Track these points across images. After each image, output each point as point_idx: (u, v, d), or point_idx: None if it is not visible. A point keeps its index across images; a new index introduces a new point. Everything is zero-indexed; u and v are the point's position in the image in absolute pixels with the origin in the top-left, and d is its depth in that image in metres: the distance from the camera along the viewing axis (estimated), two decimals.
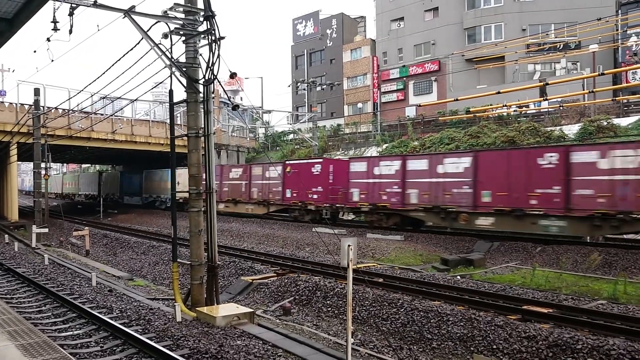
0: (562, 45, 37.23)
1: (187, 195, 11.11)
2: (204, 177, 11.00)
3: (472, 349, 9.04)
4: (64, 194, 69.85)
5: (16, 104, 31.71)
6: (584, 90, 26.27)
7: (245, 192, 31.67)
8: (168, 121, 26.03)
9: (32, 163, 32.10)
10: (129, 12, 10.23)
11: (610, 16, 33.25)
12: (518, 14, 41.19)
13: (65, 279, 14.47)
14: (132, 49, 11.08)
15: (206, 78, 10.53)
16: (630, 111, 28.61)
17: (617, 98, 27.55)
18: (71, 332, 9.18)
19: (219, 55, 10.14)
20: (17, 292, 12.87)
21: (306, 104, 52.85)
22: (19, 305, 11.29)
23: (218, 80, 10.49)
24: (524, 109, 28.73)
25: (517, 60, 35.30)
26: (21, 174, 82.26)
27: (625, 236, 18.50)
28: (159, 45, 10.42)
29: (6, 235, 25.15)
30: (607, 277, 14.00)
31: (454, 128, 32.55)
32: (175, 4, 10.53)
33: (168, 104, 11.55)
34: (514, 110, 28.10)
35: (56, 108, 29.22)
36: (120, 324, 9.28)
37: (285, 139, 49.27)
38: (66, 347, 8.15)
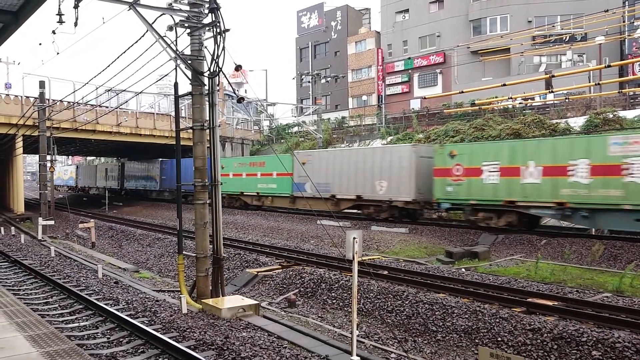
0: (568, 37, 36.92)
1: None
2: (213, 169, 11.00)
3: (476, 341, 9.07)
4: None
5: (22, 96, 31.76)
6: (590, 82, 26.07)
7: None
8: (173, 114, 26.05)
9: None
10: (134, 5, 10.21)
11: (617, 8, 33.02)
12: (524, 6, 40.88)
13: (72, 271, 14.56)
14: (137, 42, 11.09)
15: (211, 70, 10.51)
16: (636, 103, 28.43)
17: (623, 90, 27.34)
18: (78, 324, 9.25)
19: (224, 48, 10.13)
20: (24, 284, 12.97)
21: (311, 97, 52.69)
22: (26, 297, 11.39)
23: (223, 73, 10.49)
24: (530, 101, 28.58)
25: (522, 53, 34.99)
26: (27, 166, 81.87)
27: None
28: (164, 37, 10.41)
29: (12, 228, 25.31)
30: (612, 270, 13.99)
31: (458, 120, 32.37)
32: None
33: (173, 97, 11.55)
34: (520, 103, 27.93)
35: (61, 101, 29.29)
36: (126, 315, 9.35)
37: (289, 131, 49.22)
38: (73, 338, 8.21)
